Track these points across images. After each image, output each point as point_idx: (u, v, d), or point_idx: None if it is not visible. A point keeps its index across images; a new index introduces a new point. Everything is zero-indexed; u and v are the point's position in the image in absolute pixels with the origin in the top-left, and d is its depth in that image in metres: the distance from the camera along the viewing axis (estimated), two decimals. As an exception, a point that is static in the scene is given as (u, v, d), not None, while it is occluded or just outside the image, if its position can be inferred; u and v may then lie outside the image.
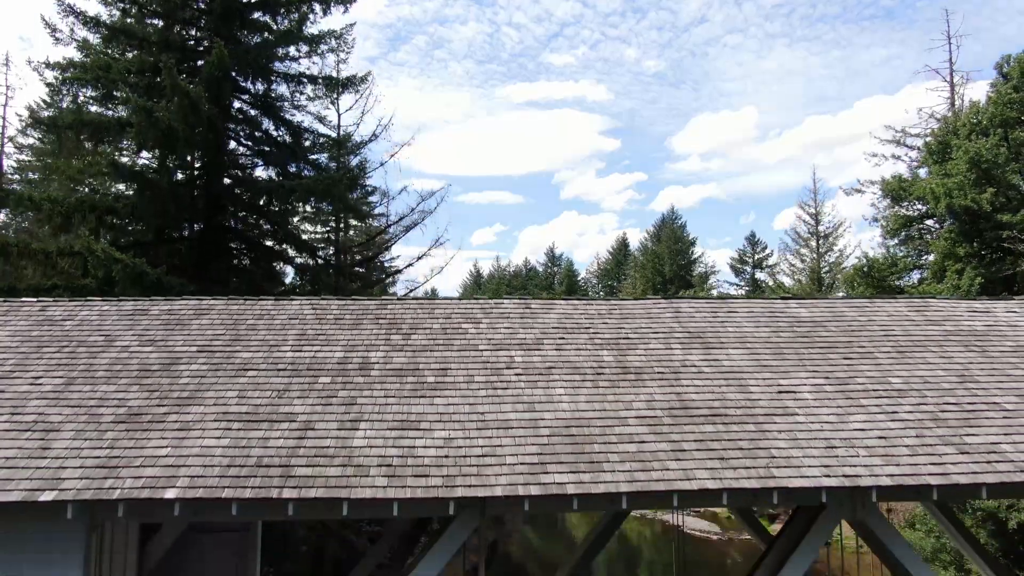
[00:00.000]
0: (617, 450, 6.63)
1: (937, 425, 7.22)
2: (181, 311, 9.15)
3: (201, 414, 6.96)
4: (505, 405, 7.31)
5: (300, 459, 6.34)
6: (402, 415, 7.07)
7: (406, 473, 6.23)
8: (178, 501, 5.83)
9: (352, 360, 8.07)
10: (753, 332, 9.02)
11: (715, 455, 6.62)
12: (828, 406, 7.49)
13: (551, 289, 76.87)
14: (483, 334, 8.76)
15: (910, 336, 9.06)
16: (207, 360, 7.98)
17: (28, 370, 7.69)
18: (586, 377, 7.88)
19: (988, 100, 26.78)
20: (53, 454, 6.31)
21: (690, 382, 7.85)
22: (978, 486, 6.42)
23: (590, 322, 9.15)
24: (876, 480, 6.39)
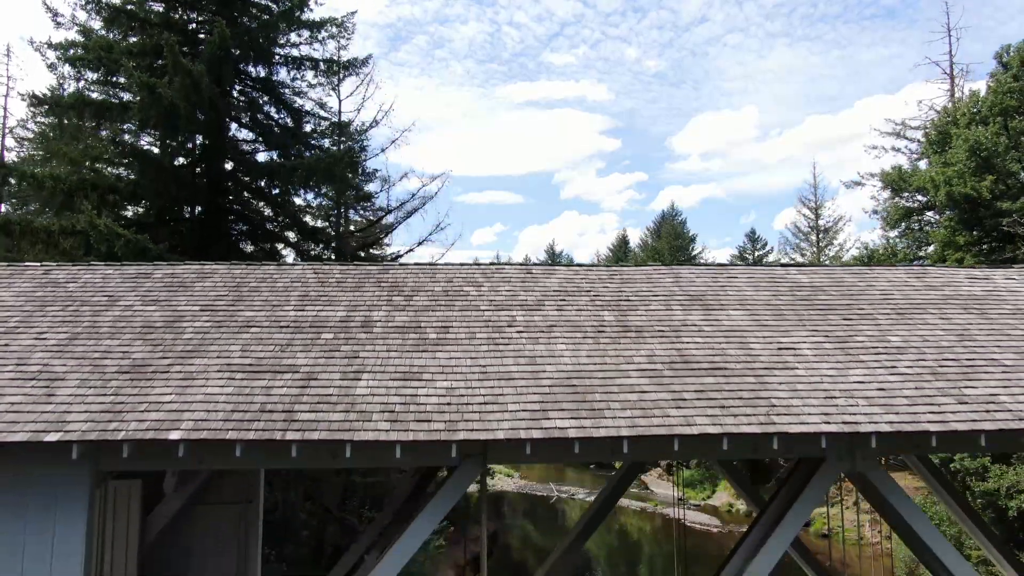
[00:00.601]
0: (618, 399, 6.68)
1: (936, 378, 7.27)
2: (184, 275, 9.19)
3: (204, 365, 7.00)
4: (507, 359, 7.36)
5: (303, 405, 6.38)
6: (404, 367, 7.11)
7: (408, 418, 6.27)
8: (182, 443, 5.87)
9: (354, 319, 8.11)
10: (753, 296, 9.06)
11: (715, 404, 6.66)
12: (827, 361, 7.53)
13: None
14: (484, 296, 8.81)
15: (909, 300, 9.11)
16: (210, 318, 8.02)
17: (32, 326, 7.73)
18: (587, 335, 7.92)
19: (988, 89, 26.84)
20: (58, 400, 6.35)
21: (690, 339, 7.89)
22: (976, 433, 6.46)
23: (591, 286, 9.19)
24: (875, 427, 6.43)
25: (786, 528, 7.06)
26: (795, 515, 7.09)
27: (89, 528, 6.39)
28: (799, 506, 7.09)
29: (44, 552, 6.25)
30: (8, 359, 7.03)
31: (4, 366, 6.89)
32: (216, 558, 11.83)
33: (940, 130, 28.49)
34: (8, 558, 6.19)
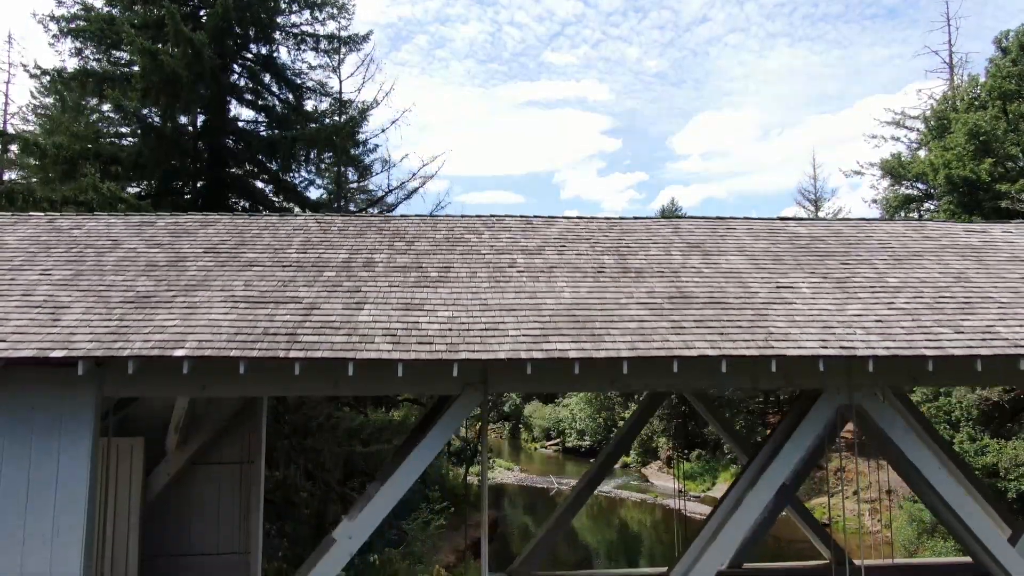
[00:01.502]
0: (618, 327, 6.74)
1: (933, 312, 7.33)
2: (187, 223, 9.27)
3: (208, 297, 7.07)
4: (507, 293, 7.43)
5: (306, 329, 6.45)
6: (406, 299, 7.18)
7: (410, 341, 6.34)
8: (187, 359, 5.93)
9: (356, 260, 8.19)
10: (752, 244, 9.13)
11: (714, 331, 6.73)
12: (825, 298, 7.60)
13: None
14: (485, 242, 8.88)
15: (907, 248, 9.18)
16: (213, 259, 8.09)
17: (37, 265, 7.80)
18: (587, 275, 7.99)
19: (987, 74, 26.96)
20: (63, 324, 6.42)
21: (689, 279, 7.96)
22: (973, 358, 6.52)
23: (590, 235, 9.27)
24: (872, 351, 6.50)
25: (783, 460, 7.12)
26: (792, 446, 7.14)
27: (94, 453, 6.44)
28: (796, 438, 7.14)
29: (49, 476, 6.31)
30: (13, 291, 7.10)
31: (9, 296, 6.96)
32: (217, 518, 11.90)
33: (939, 116, 28.60)
34: (14, 479, 6.25)
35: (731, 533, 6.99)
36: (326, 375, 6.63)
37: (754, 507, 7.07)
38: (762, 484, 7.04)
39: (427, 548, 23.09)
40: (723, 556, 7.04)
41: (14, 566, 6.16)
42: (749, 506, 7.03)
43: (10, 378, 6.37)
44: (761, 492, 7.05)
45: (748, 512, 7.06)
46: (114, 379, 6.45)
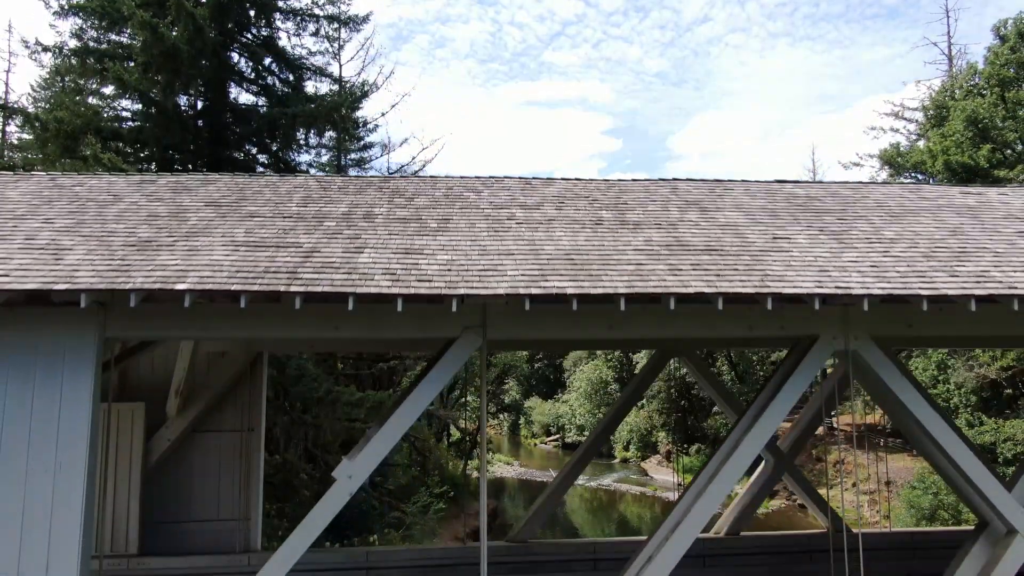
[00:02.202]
0: (616, 268, 6.80)
1: (928, 260, 7.39)
2: (188, 181, 9.33)
3: (209, 242, 7.12)
4: (506, 241, 7.49)
5: (307, 268, 6.51)
6: (405, 246, 7.24)
7: (410, 279, 6.39)
8: (188, 292, 5.98)
9: (356, 212, 8.25)
10: (749, 202, 9.20)
11: (711, 272, 6.79)
12: (821, 247, 7.66)
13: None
14: (484, 199, 8.94)
15: (903, 207, 9.25)
16: (214, 211, 8.15)
17: (39, 214, 7.86)
18: (585, 226, 8.05)
19: (985, 61, 27.05)
20: (66, 262, 6.48)
21: (687, 230, 8.02)
22: (967, 297, 6.57)
23: (589, 193, 9.33)
24: (868, 290, 6.55)
25: (778, 406, 7.15)
26: (788, 392, 7.17)
27: (95, 392, 6.49)
28: (791, 385, 7.18)
29: (51, 413, 6.36)
30: (16, 236, 7.16)
31: (12, 240, 7.02)
32: (218, 485, 11.96)
33: (938, 105, 28.69)
34: (17, 416, 6.30)
35: (726, 479, 7.03)
36: (326, 316, 6.70)
37: (749, 454, 7.10)
38: (757, 430, 7.08)
39: (426, 532, 23.17)
40: (716, 503, 7.05)
41: (17, 500, 6.21)
42: (743, 454, 7.07)
43: (13, 318, 6.43)
44: (756, 438, 7.08)
45: (742, 460, 7.09)
46: (116, 319, 6.51)
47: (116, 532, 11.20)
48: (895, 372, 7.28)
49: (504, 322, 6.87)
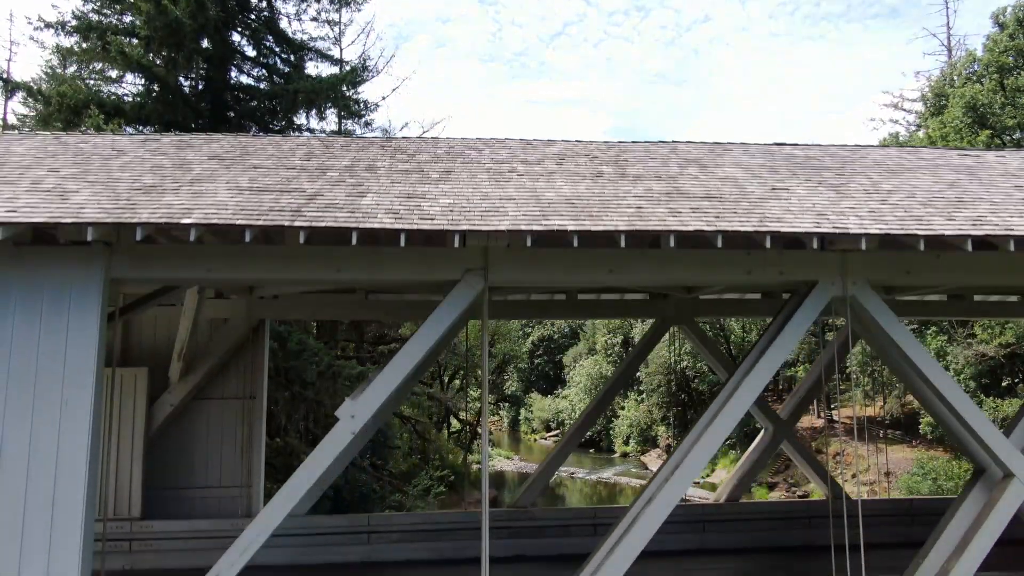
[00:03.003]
0: (616, 211, 6.87)
1: (925, 207, 7.46)
2: (191, 140, 9.40)
3: (214, 188, 7.18)
4: (508, 188, 7.56)
5: (310, 208, 6.58)
6: (408, 191, 7.31)
7: (412, 217, 6.47)
8: (193, 227, 6.05)
9: (359, 165, 8.32)
10: (748, 160, 9.27)
11: (710, 215, 6.85)
12: (820, 196, 7.72)
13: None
14: (486, 156, 9.01)
15: (901, 165, 9.32)
16: (218, 163, 8.21)
17: (44, 164, 7.92)
18: (586, 178, 8.12)
19: (984, 49, 27.13)
20: (72, 202, 6.55)
21: (686, 182, 8.09)
22: (964, 238, 6.64)
23: (589, 152, 9.40)
24: (865, 230, 6.63)
25: (777, 350, 7.20)
26: (787, 337, 7.22)
27: (101, 331, 6.55)
28: (789, 330, 7.22)
29: (57, 351, 6.43)
30: (22, 181, 7.22)
31: (18, 185, 7.08)
32: (220, 452, 12.03)
33: (937, 93, 28.77)
34: (24, 353, 6.37)
35: (728, 419, 7.08)
36: (329, 257, 6.77)
37: (749, 396, 7.16)
38: (757, 371, 7.13)
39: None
40: (716, 443, 7.10)
41: (24, 435, 6.28)
42: (744, 396, 7.12)
43: (20, 257, 6.50)
44: (757, 380, 7.14)
45: (743, 402, 7.15)
46: (121, 260, 6.59)
47: (119, 496, 11.26)
48: (892, 318, 7.33)
49: (506, 265, 6.94)
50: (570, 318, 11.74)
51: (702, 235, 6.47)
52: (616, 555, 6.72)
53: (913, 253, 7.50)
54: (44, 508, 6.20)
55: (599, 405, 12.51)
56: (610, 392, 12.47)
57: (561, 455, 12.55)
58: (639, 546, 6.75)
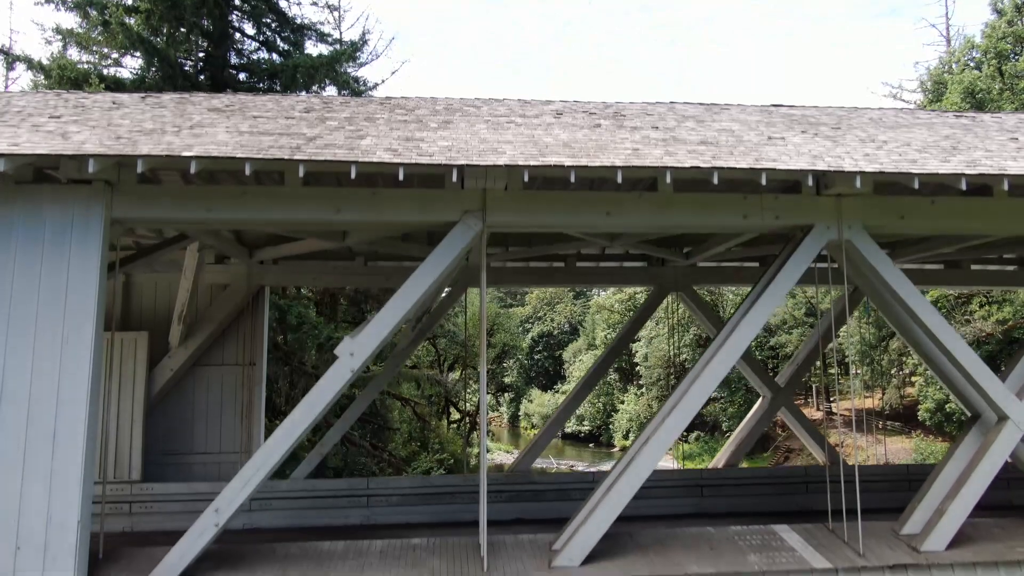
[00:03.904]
0: (613, 151, 6.92)
1: (920, 153, 7.51)
2: (192, 97, 9.44)
3: (213, 131, 7.23)
4: (506, 135, 7.61)
5: (310, 147, 6.63)
6: (407, 136, 7.36)
7: (411, 154, 6.52)
8: (195, 159, 6.11)
9: (358, 117, 8.36)
10: (745, 117, 9.31)
11: (707, 154, 6.91)
12: (816, 143, 7.77)
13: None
14: (484, 111, 9.04)
15: (898, 122, 9.36)
16: (219, 114, 8.26)
17: (46, 113, 7.96)
18: (584, 128, 8.16)
19: (982, 35, 27.21)
20: (74, 140, 6.61)
21: (683, 131, 8.13)
22: (958, 176, 6.69)
23: (586, 109, 9.44)
24: (859, 168, 6.68)
25: (773, 292, 7.24)
26: (782, 280, 7.27)
27: (101, 269, 6.60)
28: (785, 273, 7.27)
29: (59, 285, 6.49)
30: (24, 125, 7.26)
31: (20, 128, 7.13)
32: (220, 418, 12.08)
33: (936, 80, 28.83)
34: (26, 289, 6.42)
35: (725, 359, 7.13)
36: (328, 198, 6.85)
37: (747, 337, 7.20)
38: (754, 314, 7.18)
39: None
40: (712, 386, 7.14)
41: (26, 368, 6.33)
42: (741, 335, 7.17)
43: (22, 195, 6.57)
44: (754, 321, 7.19)
45: (740, 343, 7.19)
46: (122, 199, 6.66)
47: (119, 460, 11.32)
48: (887, 262, 7.38)
49: (503, 207, 7.00)
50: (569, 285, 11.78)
51: (698, 172, 6.52)
52: (618, 486, 6.79)
53: (907, 197, 7.57)
54: (45, 441, 6.26)
55: (602, 366, 12.58)
56: (611, 355, 12.54)
57: (563, 415, 12.61)
58: (637, 484, 6.79)
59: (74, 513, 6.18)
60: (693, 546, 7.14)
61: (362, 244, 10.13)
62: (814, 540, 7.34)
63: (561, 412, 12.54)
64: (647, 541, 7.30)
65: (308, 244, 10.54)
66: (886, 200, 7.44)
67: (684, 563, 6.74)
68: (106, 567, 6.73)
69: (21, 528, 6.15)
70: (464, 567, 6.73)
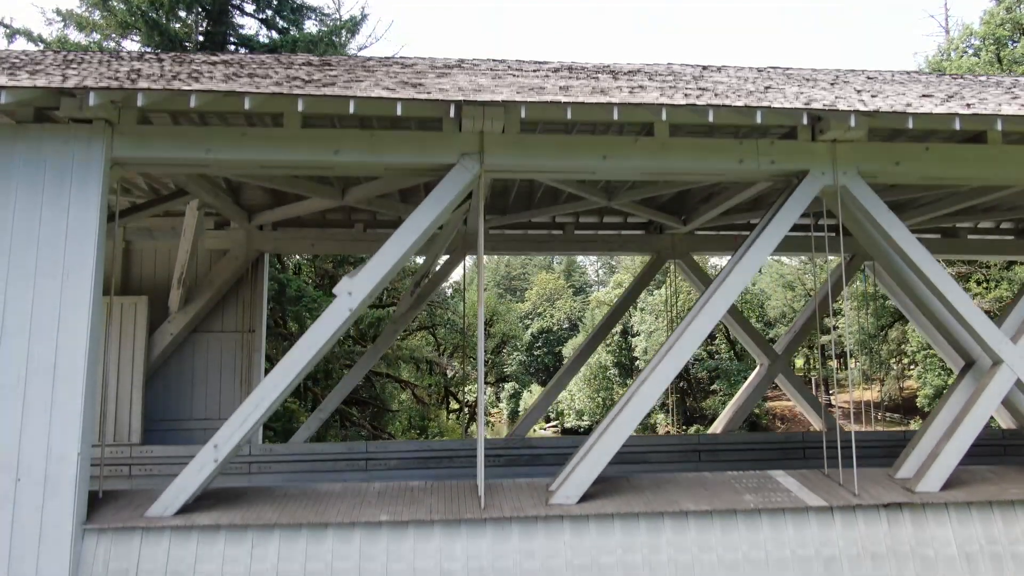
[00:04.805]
0: (609, 95, 6.97)
1: (917, 97, 7.56)
2: (190, 55, 9.50)
3: (213, 76, 7.28)
4: (505, 80, 7.67)
5: (309, 87, 6.68)
6: (404, 81, 7.41)
7: (409, 92, 6.57)
8: (194, 93, 6.17)
9: (357, 68, 8.41)
10: (743, 75, 9.37)
11: (703, 98, 6.95)
12: (813, 92, 7.82)
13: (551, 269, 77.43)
14: (483, 67, 9.11)
15: (895, 79, 9.42)
16: (217, 66, 8.31)
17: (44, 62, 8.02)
18: (581, 78, 8.22)
19: (981, 22, 27.29)
20: (74, 77, 6.65)
21: (681, 82, 8.19)
22: (952, 116, 6.74)
23: (583, 67, 9.51)
24: (853, 107, 6.73)
25: (767, 238, 7.28)
26: (777, 225, 7.30)
27: (102, 213, 6.65)
28: (779, 219, 7.30)
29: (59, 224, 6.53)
30: (24, 67, 7.31)
31: (21, 69, 7.18)
32: (219, 385, 12.14)
33: (935, 67, 28.88)
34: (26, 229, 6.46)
35: (717, 306, 7.17)
36: (326, 138, 6.89)
37: (741, 280, 7.24)
38: (747, 260, 7.22)
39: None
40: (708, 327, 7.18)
41: (27, 300, 6.38)
42: (737, 276, 7.21)
43: (23, 134, 6.62)
44: (747, 268, 7.22)
45: (733, 289, 7.22)
46: (122, 139, 6.71)
47: (119, 424, 11.37)
48: (882, 207, 7.42)
49: (501, 150, 7.05)
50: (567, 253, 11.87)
51: (694, 111, 6.58)
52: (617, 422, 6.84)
53: (902, 144, 7.64)
54: (45, 374, 6.30)
55: (598, 335, 12.65)
56: (607, 324, 12.61)
57: (558, 386, 12.65)
58: (636, 419, 6.84)
59: (74, 445, 6.23)
60: (689, 487, 7.19)
61: (361, 204, 10.19)
62: (809, 483, 7.39)
63: (557, 380, 12.59)
64: (644, 484, 7.35)
65: (308, 205, 10.61)
66: (881, 146, 7.50)
67: (680, 501, 6.78)
68: (106, 503, 6.78)
69: (21, 460, 6.19)
70: (461, 504, 6.78)
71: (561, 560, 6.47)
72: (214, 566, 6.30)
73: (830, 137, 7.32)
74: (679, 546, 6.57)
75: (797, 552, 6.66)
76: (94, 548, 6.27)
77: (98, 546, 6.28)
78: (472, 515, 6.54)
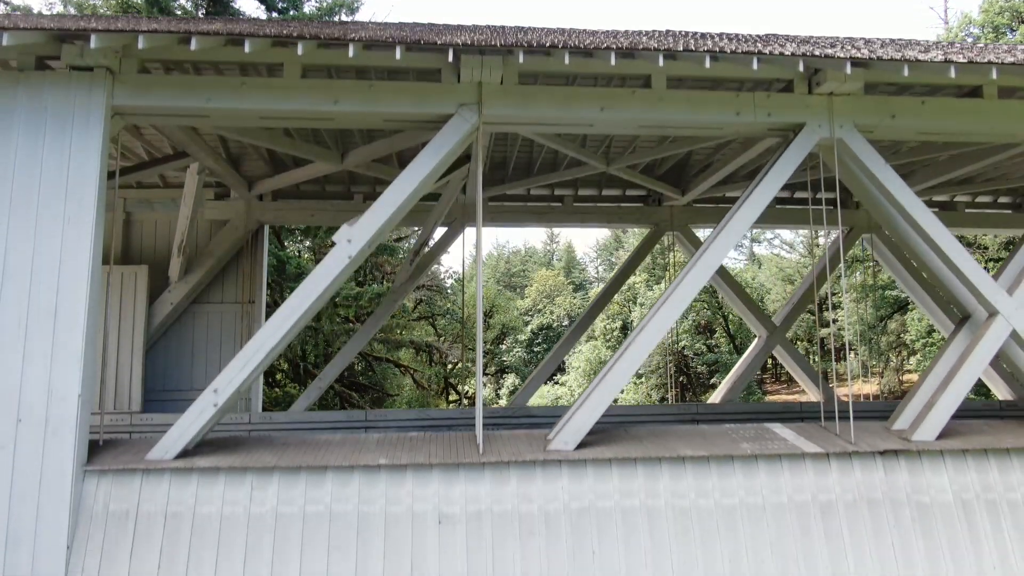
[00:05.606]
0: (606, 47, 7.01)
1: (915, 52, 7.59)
2: (192, 19, 9.55)
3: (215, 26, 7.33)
4: (507, 35, 7.71)
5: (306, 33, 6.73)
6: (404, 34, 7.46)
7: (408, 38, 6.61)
8: (195, 35, 6.21)
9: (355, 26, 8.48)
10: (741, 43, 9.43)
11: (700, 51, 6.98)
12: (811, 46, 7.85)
13: (551, 266, 77.48)
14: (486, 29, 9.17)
15: (894, 42, 9.46)
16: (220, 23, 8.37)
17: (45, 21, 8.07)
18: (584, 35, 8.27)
19: (980, 11, 27.31)
20: (76, 26, 6.69)
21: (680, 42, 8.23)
22: (947, 64, 6.77)
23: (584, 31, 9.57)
24: (850, 55, 6.77)
25: (763, 190, 7.30)
26: (773, 178, 7.32)
27: (102, 158, 6.69)
28: (775, 172, 7.32)
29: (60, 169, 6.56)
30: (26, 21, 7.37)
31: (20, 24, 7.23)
32: (219, 355, 12.17)
33: (933, 58, 28.91)
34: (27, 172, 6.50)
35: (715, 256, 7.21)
36: (326, 88, 6.95)
37: (738, 231, 7.26)
38: (744, 209, 7.25)
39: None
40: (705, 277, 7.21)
41: (28, 245, 6.42)
42: (734, 229, 7.24)
43: (25, 81, 6.66)
44: (743, 219, 7.25)
45: (730, 239, 7.25)
46: (124, 87, 6.75)
47: (119, 392, 11.41)
48: (879, 160, 7.45)
49: (499, 100, 7.08)
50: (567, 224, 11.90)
51: (691, 55, 6.62)
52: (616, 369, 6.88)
53: (899, 97, 7.67)
54: (47, 317, 6.34)
55: (595, 308, 12.70)
56: (606, 295, 12.68)
57: (555, 358, 12.69)
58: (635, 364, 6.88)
59: (75, 387, 6.26)
60: (687, 437, 7.23)
61: (361, 168, 10.23)
62: (806, 433, 7.43)
63: (556, 350, 12.63)
64: (642, 433, 7.39)
65: (308, 171, 10.65)
66: (878, 99, 7.54)
67: (678, 448, 6.82)
68: (106, 449, 6.82)
69: (22, 402, 6.23)
70: (460, 451, 6.82)
71: (559, 504, 6.51)
72: (213, 507, 6.34)
73: (827, 90, 7.36)
74: (676, 492, 6.60)
75: (794, 498, 6.70)
76: (95, 489, 6.31)
77: (99, 488, 6.32)
78: (471, 459, 6.58)
